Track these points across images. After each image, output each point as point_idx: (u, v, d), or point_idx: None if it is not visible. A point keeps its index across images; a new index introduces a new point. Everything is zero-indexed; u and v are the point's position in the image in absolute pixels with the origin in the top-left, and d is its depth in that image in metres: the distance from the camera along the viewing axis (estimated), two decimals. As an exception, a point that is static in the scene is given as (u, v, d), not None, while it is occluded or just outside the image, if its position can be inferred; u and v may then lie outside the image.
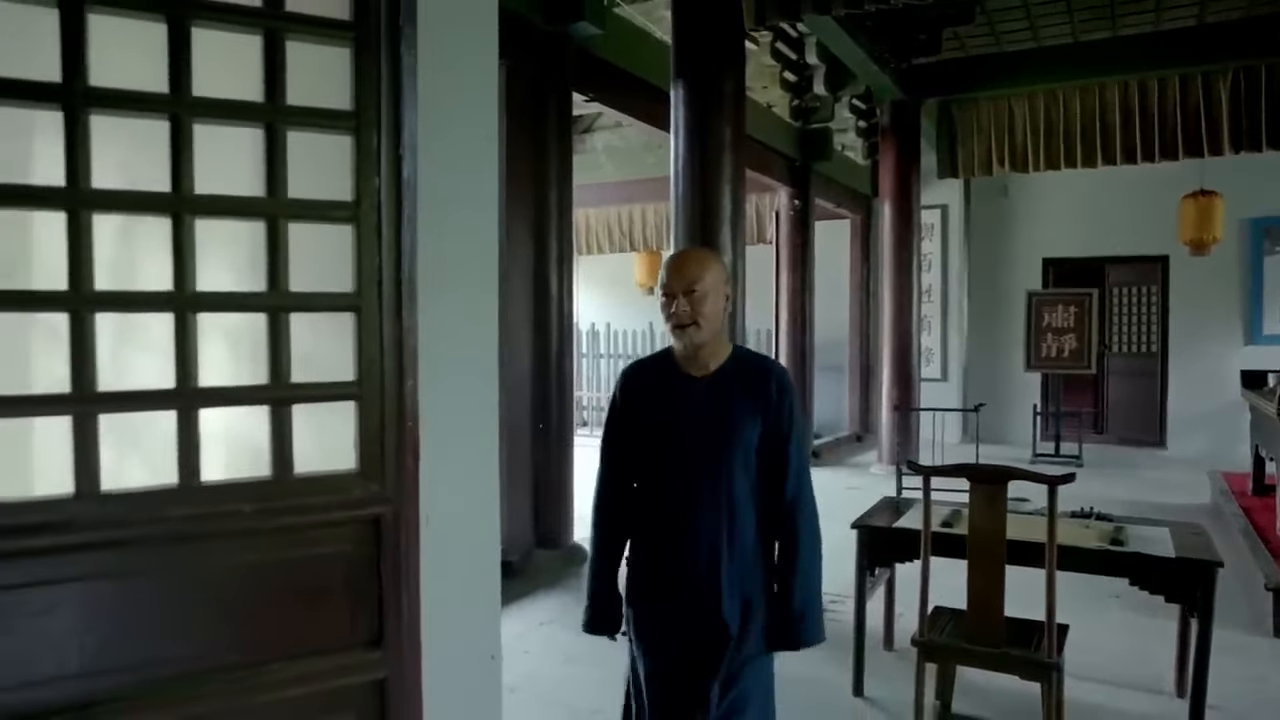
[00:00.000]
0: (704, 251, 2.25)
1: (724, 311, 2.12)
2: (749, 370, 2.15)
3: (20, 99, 1.17)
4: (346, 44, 1.34)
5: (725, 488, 2.08)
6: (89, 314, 1.18)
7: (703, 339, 2.08)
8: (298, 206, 1.32)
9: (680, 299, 2.05)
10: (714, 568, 2.08)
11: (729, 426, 2.08)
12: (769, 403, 2.10)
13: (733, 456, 2.08)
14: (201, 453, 1.27)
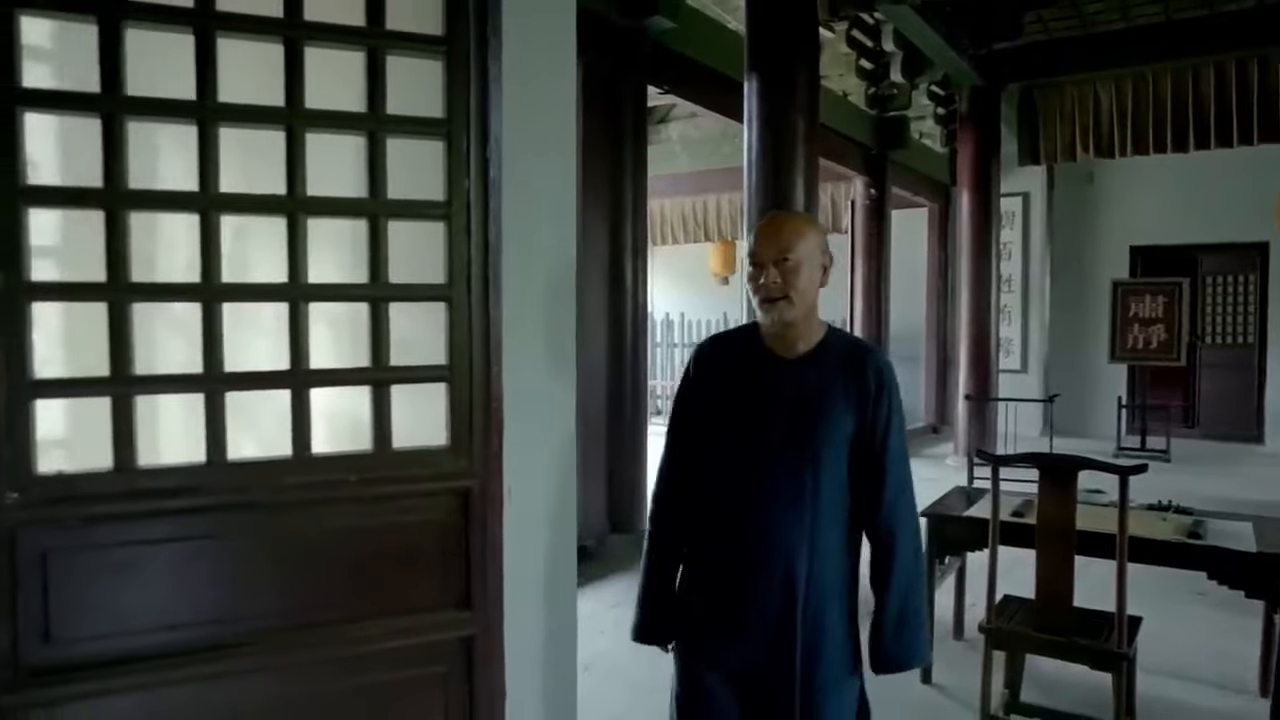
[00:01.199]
0: (799, 216, 1.95)
1: (820, 286, 1.87)
2: (846, 356, 1.87)
3: (161, 115, 1.33)
4: (439, 57, 1.47)
5: (810, 486, 1.81)
6: (217, 304, 1.34)
7: (794, 316, 1.81)
8: (396, 206, 1.45)
9: (771, 269, 1.79)
10: (790, 576, 1.80)
11: (818, 417, 1.82)
12: (866, 396, 1.83)
13: (820, 451, 1.81)
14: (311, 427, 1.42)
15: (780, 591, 1.80)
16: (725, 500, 1.86)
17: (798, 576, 1.80)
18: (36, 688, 1.26)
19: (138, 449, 1.33)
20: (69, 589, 1.28)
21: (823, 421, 1.82)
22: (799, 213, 2.06)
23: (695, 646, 1.87)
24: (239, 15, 1.36)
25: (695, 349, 1.99)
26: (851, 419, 1.82)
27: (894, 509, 1.86)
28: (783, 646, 1.80)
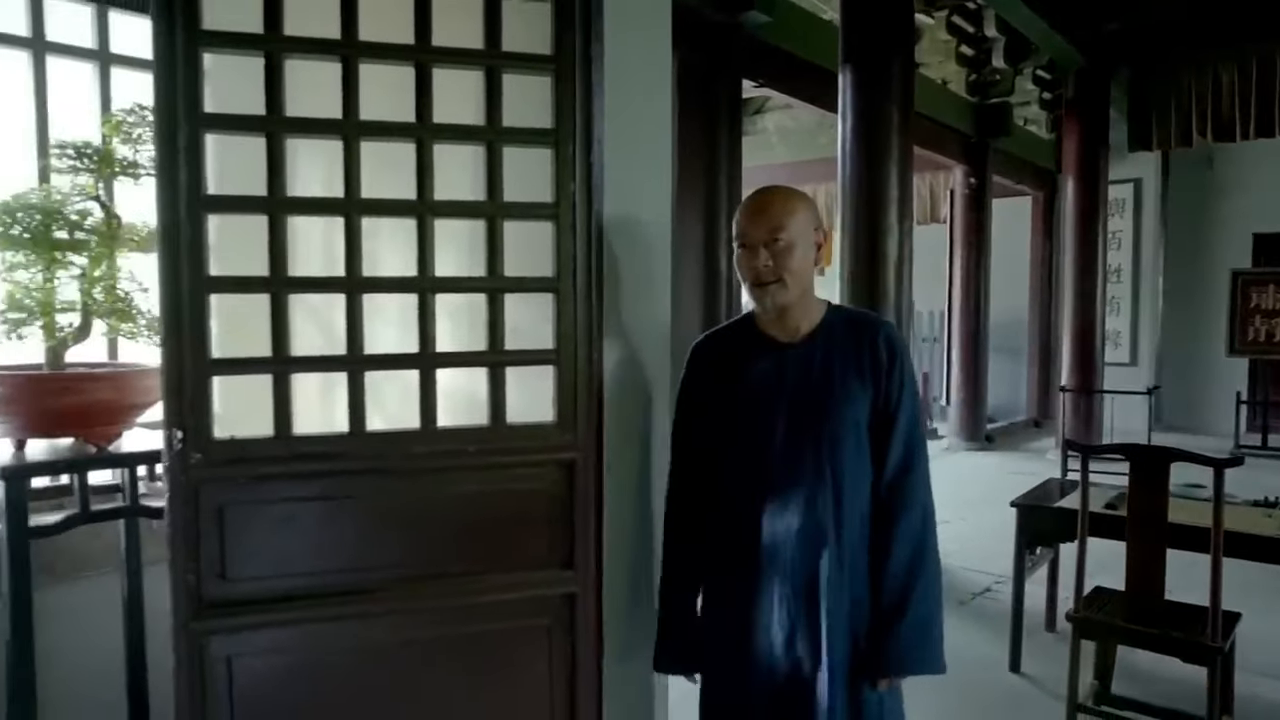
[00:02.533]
0: (788, 191, 1.78)
1: (815, 264, 1.75)
2: (852, 330, 1.75)
3: (313, 133, 1.55)
4: (548, 73, 1.64)
5: (830, 476, 1.70)
6: (359, 294, 1.55)
7: (788, 299, 1.70)
8: (510, 208, 1.64)
9: (761, 251, 1.67)
10: (814, 575, 1.69)
11: (831, 399, 1.71)
12: (879, 368, 1.72)
13: (839, 436, 1.70)
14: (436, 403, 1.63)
15: (806, 594, 1.70)
16: (740, 509, 1.75)
17: (822, 577, 1.69)
18: (214, 617, 1.50)
19: (293, 420, 1.55)
20: (239, 536, 1.52)
21: (834, 406, 1.71)
22: (787, 188, 1.81)
23: (719, 674, 1.79)
24: (377, 44, 1.56)
25: (690, 352, 1.88)
26: (866, 397, 1.72)
27: (896, 488, 1.73)
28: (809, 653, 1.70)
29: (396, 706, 1.63)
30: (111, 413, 1.81)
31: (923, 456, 1.78)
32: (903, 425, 1.73)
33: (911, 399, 1.75)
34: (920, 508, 1.76)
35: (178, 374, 1.47)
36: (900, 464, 1.74)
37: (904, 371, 1.74)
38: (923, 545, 1.75)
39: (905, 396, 1.74)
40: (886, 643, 1.71)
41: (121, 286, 1.87)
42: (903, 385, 1.74)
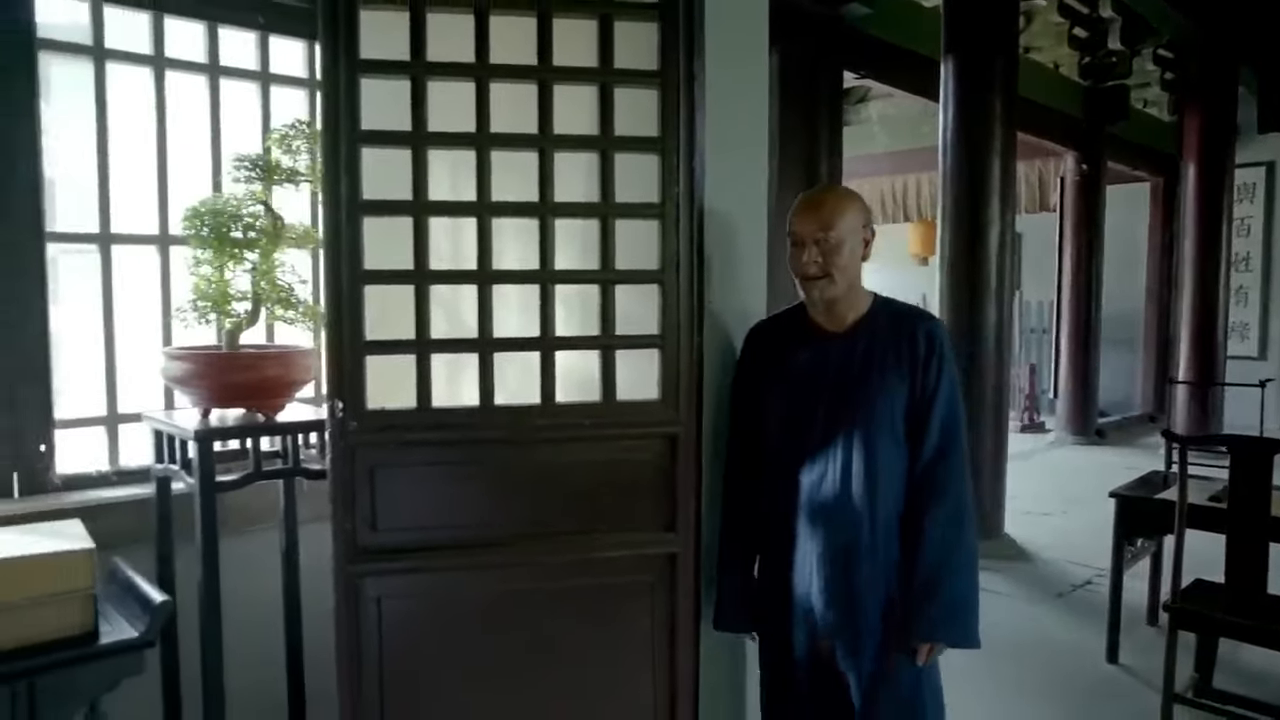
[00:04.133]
0: (839, 191, 1.96)
1: (862, 259, 1.88)
2: (894, 322, 1.87)
3: (451, 145, 1.78)
4: (654, 87, 1.83)
5: (868, 462, 1.82)
6: (489, 286, 1.78)
7: (836, 293, 1.84)
8: (621, 208, 1.84)
9: (811, 247, 1.82)
10: (852, 556, 1.84)
11: (872, 388, 1.83)
12: (916, 360, 1.83)
13: (877, 425, 1.82)
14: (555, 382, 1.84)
15: (845, 574, 1.84)
16: (784, 486, 1.90)
17: (860, 559, 1.83)
18: (367, 562, 1.76)
19: (432, 394, 1.79)
20: (388, 493, 1.77)
21: (871, 394, 1.82)
22: (839, 188, 1.99)
23: (772, 634, 1.96)
24: (505, 65, 1.78)
25: (746, 334, 2.03)
26: (903, 386, 1.82)
27: (929, 475, 1.83)
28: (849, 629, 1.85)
29: (515, 647, 1.86)
30: (278, 388, 2.10)
31: (958, 447, 1.84)
32: (938, 415, 1.81)
33: (949, 391, 1.83)
34: (955, 495, 1.83)
35: (339, 354, 1.72)
36: (934, 452, 1.82)
37: (942, 364, 1.82)
38: (956, 530, 1.82)
39: (942, 388, 1.82)
40: (918, 622, 1.82)
41: (284, 279, 2.16)
42: (939, 377, 1.82)
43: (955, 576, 1.82)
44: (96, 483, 2.35)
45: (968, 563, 1.84)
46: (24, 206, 2.21)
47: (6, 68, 2.18)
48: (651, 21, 1.84)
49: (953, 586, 1.82)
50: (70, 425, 2.35)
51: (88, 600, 1.78)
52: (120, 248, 2.42)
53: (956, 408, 1.86)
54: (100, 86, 2.36)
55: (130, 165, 2.43)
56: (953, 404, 1.84)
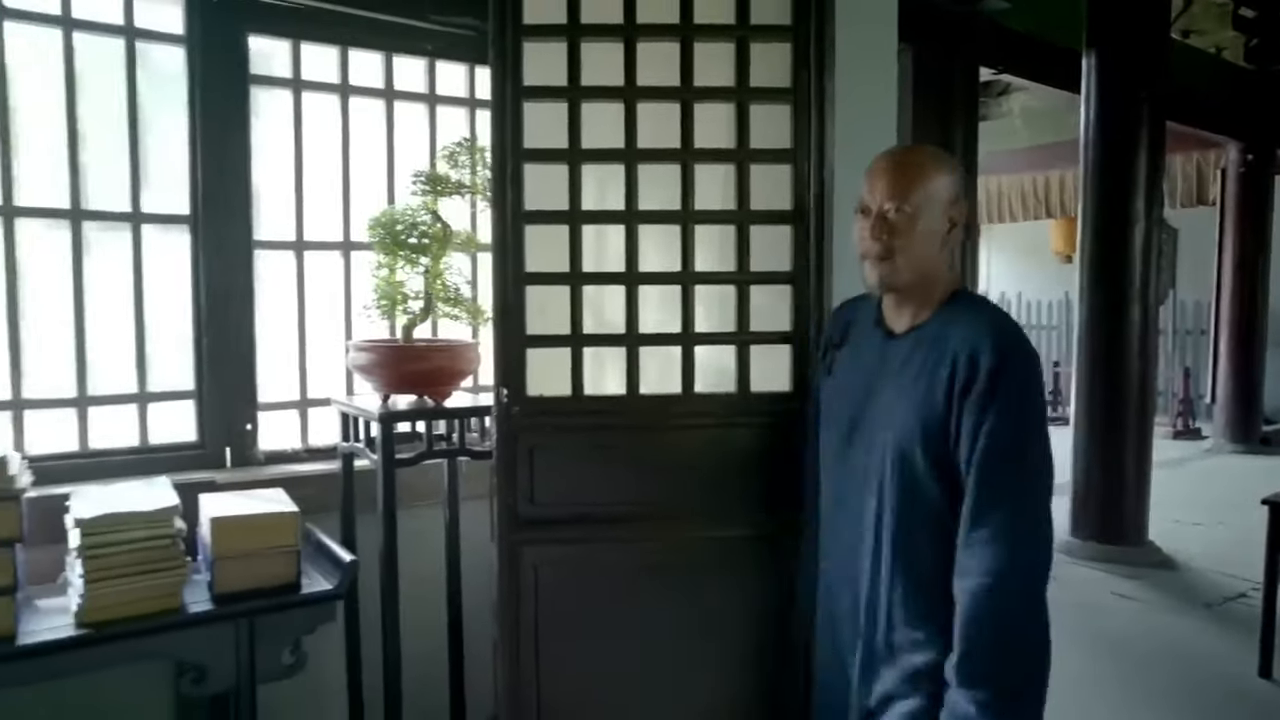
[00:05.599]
0: (925, 152, 1.54)
1: (946, 245, 1.49)
2: (952, 334, 1.43)
3: (602, 161, 1.99)
4: (787, 103, 1.98)
5: (885, 504, 1.47)
6: (636, 286, 1.98)
7: (897, 280, 1.48)
8: (756, 215, 2.00)
9: (878, 220, 1.46)
10: (853, 616, 1.55)
11: (900, 406, 1.46)
12: (953, 387, 1.39)
13: (899, 449, 1.44)
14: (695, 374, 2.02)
15: (847, 639, 1.58)
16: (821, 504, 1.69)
17: (861, 621, 1.53)
18: (526, 531, 1.99)
19: (584, 384, 2.00)
20: (544, 471, 1.99)
21: (900, 415, 1.45)
22: (927, 148, 1.55)
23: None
24: (651, 87, 1.97)
25: (833, 312, 1.81)
26: (937, 417, 1.40)
27: (965, 544, 1.38)
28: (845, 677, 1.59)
29: (649, 614, 2.04)
30: (446, 377, 2.37)
31: (1017, 519, 1.36)
32: (987, 476, 1.36)
33: (1009, 444, 1.36)
34: (988, 575, 1.34)
35: (504, 346, 1.96)
36: (969, 517, 1.38)
37: (996, 404, 1.35)
38: (984, 622, 1.35)
39: (991, 439, 1.35)
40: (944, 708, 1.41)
41: (452, 280, 2.43)
42: (986, 421, 1.36)
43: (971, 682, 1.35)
44: (290, 458, 2.70)
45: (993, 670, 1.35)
46: (239, 219, 2.58)
47: (226, 102, 2.54)
48: (784, 42, 1.99)
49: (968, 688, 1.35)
50: (269, 408, 2.70)
51: (293, 556, 2.09)
52: (311, 253, 2.76)
53: (1019, 468, 1.38)
54: (297, 112, 2.70)
55: (319, 180, 2.77)
56: (1010, 462, 1.37)
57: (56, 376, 2.41)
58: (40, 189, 2.38)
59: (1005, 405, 1.36)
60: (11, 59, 2.31)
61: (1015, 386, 1.38)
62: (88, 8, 2.41)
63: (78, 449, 2.43)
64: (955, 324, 1.45)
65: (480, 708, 2.65)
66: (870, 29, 2.34)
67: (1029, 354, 1.42)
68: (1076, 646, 3.75)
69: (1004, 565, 1.34)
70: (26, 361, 2.36)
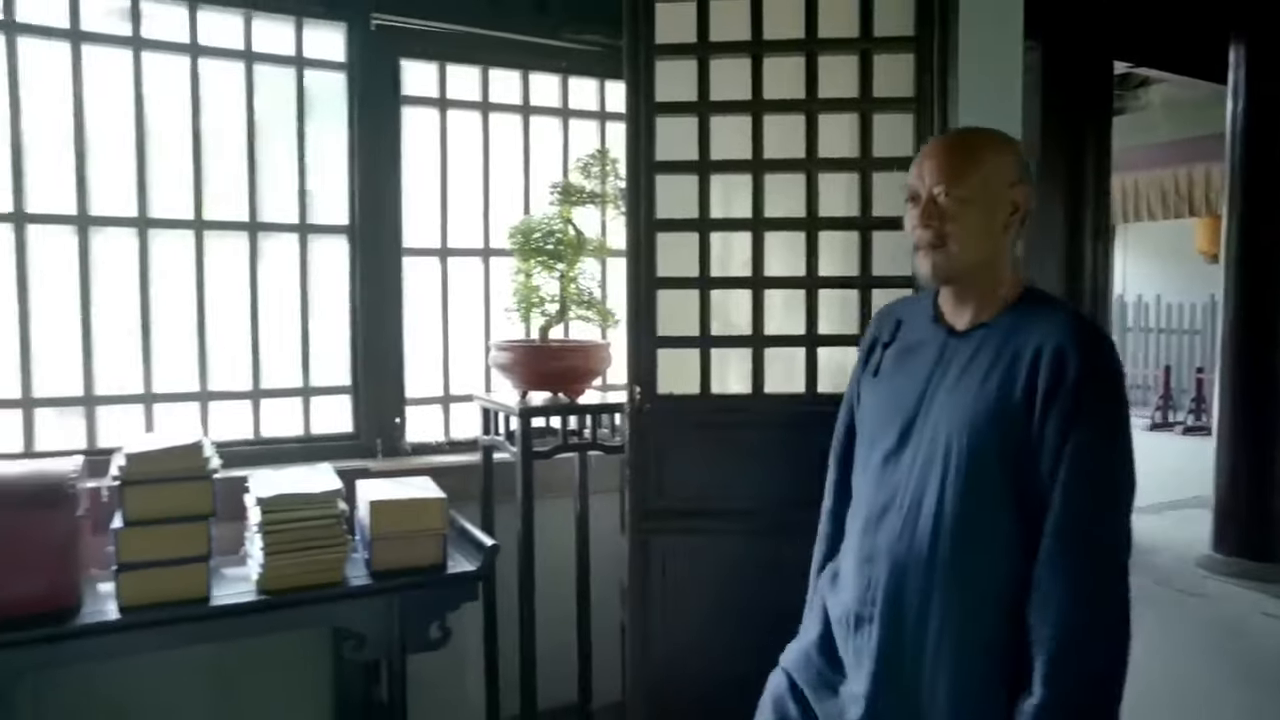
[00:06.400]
0: (980, 135, 1.42)
1: (1008, 232, 1.37)
2: (1027, 331, 1.31)
3: (730, 171, 2.09)
4: (909, 112, 2.04)
5: (945, 507, 1.31)
6: (762, 290, 2.08)
7: (954, 270, 1.36)
8: (878, 221, 2.06)
9: (926, 206, 1.37)
10: (897, 666, 1.34)
11: (967, 413, 1.31)
12: (1033, 388, 1.26)
13: (965, 460, 1.30)
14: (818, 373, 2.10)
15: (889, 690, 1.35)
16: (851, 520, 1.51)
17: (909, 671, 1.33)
18: (654, 521, 2.12)
19: (711, 383, 2.11)
20: (672, 466, 2.11)
21: (972, 415, 1.30)
22: (983, 131, 1.42)
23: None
24: (777, 101, 2.07)
25: (875, 316, 1.65)
26: (1014, 423, 1.27)
27: (1052, 570, 1.24)
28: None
29: (770, 603, 2.11)
30: (579, 375, 2.52)
31: (1107, 537, 1.25)
32: (1073, 485, 1.24)
33: (1098, 450, 1.25)
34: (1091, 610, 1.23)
35: (636, 347, 2.09)
36: (1063, 535, 1.25)
37: (1083, 405, 1.24)
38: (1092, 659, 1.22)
39: (1078, 443, 1.24)
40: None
41: (584, 284, 2.58)
42: (1074, 424, 1.24)
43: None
44: (434, 450, 2.91)
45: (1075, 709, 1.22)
46: (390, 228, 2.81)
47: (381, 122, 2.78)
48: (908, 52, 2.04)
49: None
50: (416, 403, 2.93)
51: (439, 538, 2.28)
52: (454, 259, 2.98)
53: (1110, 479, 1.26)
54: (443, 129, 2.93)
55: (461, 191, 2.98)
56: (1102, 469, 1.25)
57: (234, 372, 2.70)
58: (224, 204, 2.66)
59: (1096, 417, 1.25)
60: (204, 91, 2.60)
61: (1106, 394, 1.27)
62: (264, 42, 2.68)
63: (251, 437, 2.70)
64: (1033, 321, 1.33)
65: (606, 689, 2.81)
66: (995, 29, 2.35)
67: (1116, 362, 1.31)
68: (1219, 667, 3.61)
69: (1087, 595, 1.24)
70: (211, 359, 2.65)
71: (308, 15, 2.71)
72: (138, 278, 2.56)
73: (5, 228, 2.41)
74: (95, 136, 2.50)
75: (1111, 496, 1.27)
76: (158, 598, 2.01)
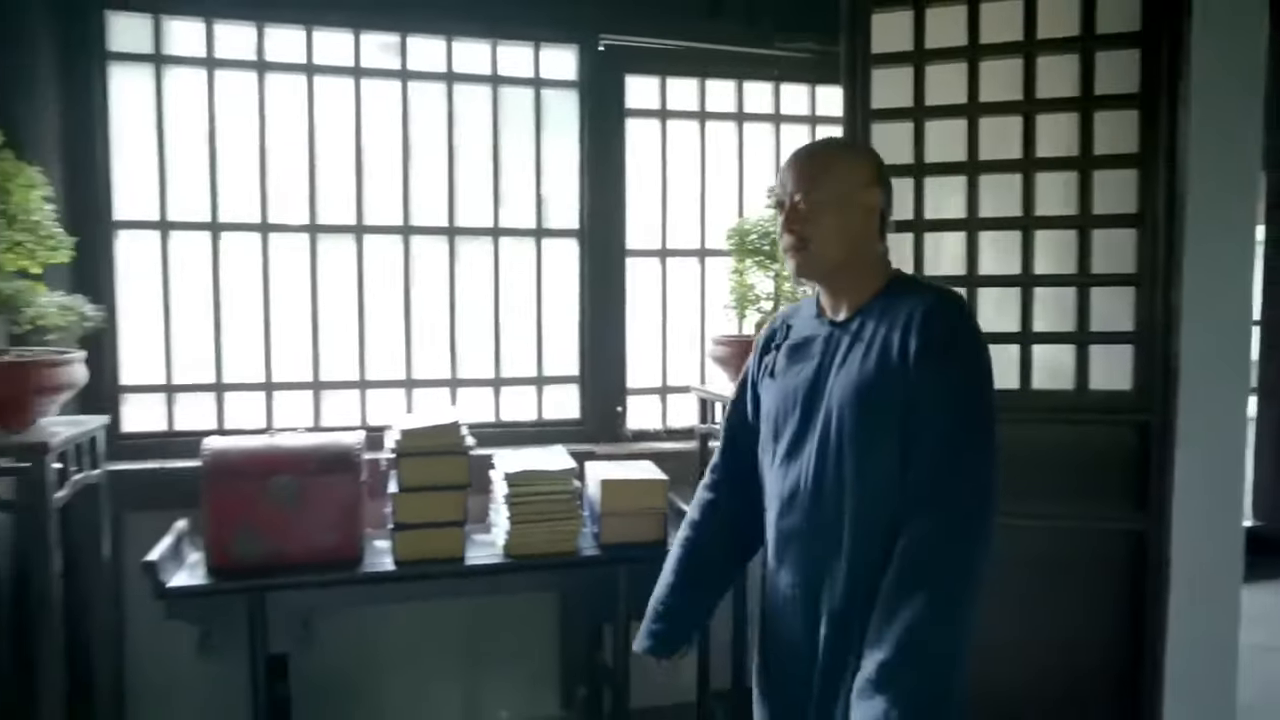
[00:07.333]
0: (834, 143, 1.61)
1: (866, 230, 1.48)
2: (892, 309, 1.43)
3: (945, 174, 2.16)
4: (1134, 108, 2.02)
5: (843, 491, 1.42)
6: (976, 288, 2.13)
7: (813, 270, 1.49)
8: (1097, 219, 2.06)
9: (789, 212, 1.49)
10: (814, 611, 1.47)
11: (853, 389, 1.42)
12: (906, 354, 1.38)
13: (855, 434, 1.41)
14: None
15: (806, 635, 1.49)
16: (766, 515, 1.58)
17: (822, 617, 1.46)
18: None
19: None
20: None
21: (855, 399, 1.41)
22: (837, 140, 1.64)
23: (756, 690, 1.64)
24: (994, 103, 2.11)
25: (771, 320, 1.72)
26: (895, 390, 1.39)
27: (915, 521, 1.35)
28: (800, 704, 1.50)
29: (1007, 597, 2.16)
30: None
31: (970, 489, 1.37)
32: (941, 437, 1.36)
33: (961, 404, 1.38)
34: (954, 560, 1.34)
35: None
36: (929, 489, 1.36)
37: (945, 365, 1.37)
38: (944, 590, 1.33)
39: (942, 398, 1.37)
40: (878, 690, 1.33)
41: (796, 283, 2.72)
42: (937, 381, 1.37)
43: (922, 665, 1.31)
44: (652, 437, 3.15)
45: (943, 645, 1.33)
46: (616, 232, 3.07)
47: (608, 135, 3.04)
48: (1133, 49, 2.03)
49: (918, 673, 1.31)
50: (636, 393, 3.18)
51: (661, 517, 2.49)
52: (672, 259, 3.20)
53: (975, 434, 1.39)
54: (663, 138, 3.15)
55: (679, 194, 3.19)
56: (966, 426, 1.38)
57: (478, 361, 3.04)
58: (471, 212, 3.01)
59: (958, 371, 1.39)
60: (457, 111, 2.96)
61: (968, 344, 1.41)
62: (508, 66, 3.00)
63: (492, 420, 3.04)
64: (903, 299, 1.45)
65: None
66: (1232, 20, 2.25)
67: (974, 320, 1.46)
68: None
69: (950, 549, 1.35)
70: (460, 349, 3.01)
71: (544, 40, 3.00)
72: (402, 280, 2.94)
73: (304, 238, 2.86)
74: (370, 157, 2.91)
75: (978, 427, 1.39)
76: (424, 554, 2.35)
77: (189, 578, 2.20)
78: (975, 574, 1.35)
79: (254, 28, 2.78)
